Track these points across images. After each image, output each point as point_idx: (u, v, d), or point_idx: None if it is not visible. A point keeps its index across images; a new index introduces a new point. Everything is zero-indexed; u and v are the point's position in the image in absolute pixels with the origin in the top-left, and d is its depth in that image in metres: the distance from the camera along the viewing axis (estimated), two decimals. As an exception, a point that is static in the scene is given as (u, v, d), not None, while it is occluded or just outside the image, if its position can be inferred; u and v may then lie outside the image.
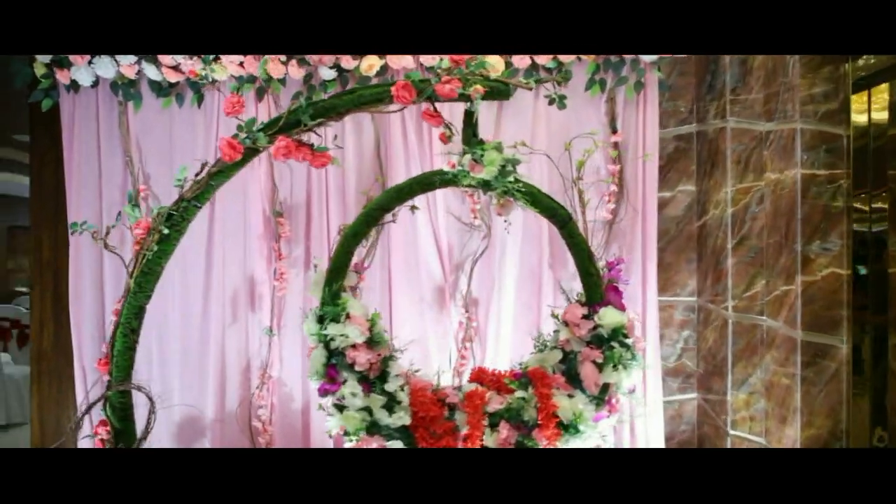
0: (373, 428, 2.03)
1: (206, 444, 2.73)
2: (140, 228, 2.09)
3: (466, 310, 2.78)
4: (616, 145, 2.76)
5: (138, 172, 2.74)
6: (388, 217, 2.17)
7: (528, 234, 2.76)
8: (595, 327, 2.10)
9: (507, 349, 2.76)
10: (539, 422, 2.00)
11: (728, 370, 2.69)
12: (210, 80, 2.57)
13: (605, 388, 2.09)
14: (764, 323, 2.64)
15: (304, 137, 2.17)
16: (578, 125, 2.76)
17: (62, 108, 2.74)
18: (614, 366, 2.07)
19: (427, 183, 2.11)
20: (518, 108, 2.75)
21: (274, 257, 2.75)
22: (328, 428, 2.04)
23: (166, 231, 2.08)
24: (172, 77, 2.65)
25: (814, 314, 2.37)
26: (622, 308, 2.14)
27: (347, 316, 2.07)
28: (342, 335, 2.02)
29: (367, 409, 2.02)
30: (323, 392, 2.05)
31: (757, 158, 2.66)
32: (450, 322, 2.79)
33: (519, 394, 2.08)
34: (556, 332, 2.19)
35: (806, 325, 2.37)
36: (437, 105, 2.14)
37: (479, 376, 2.18)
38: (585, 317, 2.12)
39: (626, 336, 2.10)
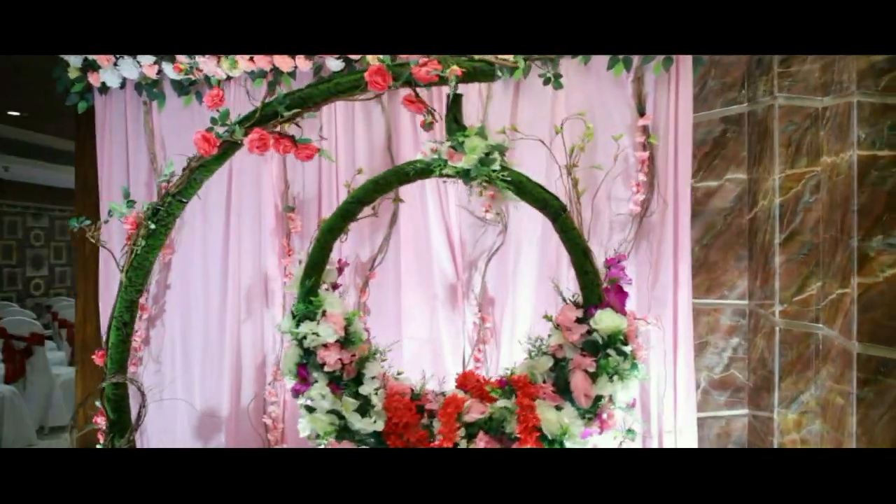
0: (343, 432, 1.93)
1: (221, 438, 2.75)
2: (129, 224, 2.11)
3: (480, 310, 2.61)
4: (644, 129, 2.47)
5: (162, 169, 2.81)
6: (368, 210, 2.06)
7: (547, 229, 2.53)
8: (589, 332, 1.87)
9: (523, 352, 2.56)
10: (518, 435, 1.81)
11: (775, 385, 2.34)
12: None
13: (599, 400, 1.86)
14: (819, 331, 2.27)
15: (290, 130, 2.13)
16: (603, 108, 2.51)
17: (96, 109, 2.87)
18: (609, 376, 1.83)
19: (403, 173, 1.97)
20: (535, 91, 2.54)
21: (284, 253, 2.72)
22: (300, 429, 1.96)
23: (153, 226, 2.09)
24: (190, 75, 2.69)
25: (874, 322, 1.99)
26: (622, 311, 1.89)
27: (324, 314, 1.99)
28: (314, 334, 1.94)
29: (337, 413, 1.92)
30: (295, 393, 1.98)
31: (811, 140, 2.29)
32: (463, 322, 2.63)
33: (500, 403, 1.89)
34: (550, 335, 1.98)
35: (864, 336, 2.00)
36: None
37: (464, 382, 2.01)
38: (580, 320, 1.90)
39: (624, 343, 1.86)
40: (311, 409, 1.95)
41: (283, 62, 2.61)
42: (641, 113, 2.46)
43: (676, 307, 2.43)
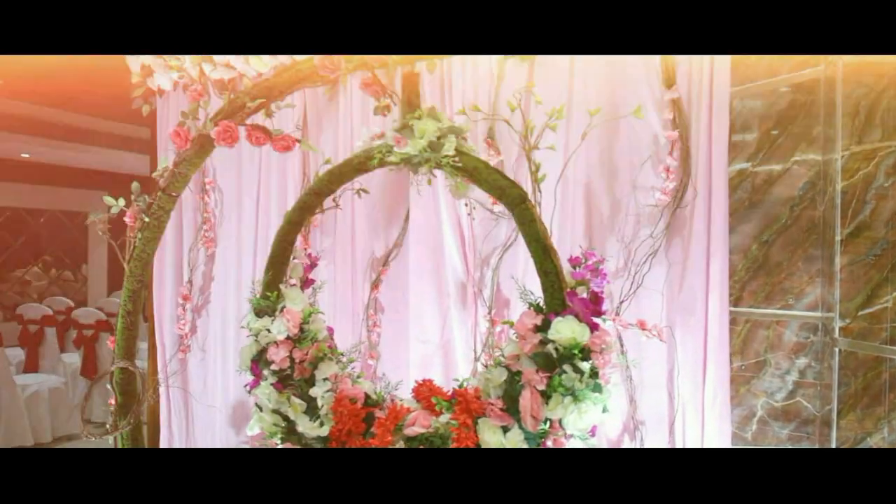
0: (290, 434, 1.85)
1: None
2: (128, 218, 2.21)
3: (490, 311, 2.38)
4: (674, 103, 2.07)
5: (206, 167, 2.94)
6: (330, 203, 1.95)
7: (565, 222, 2.24)
8: (543, 343, 1.59)
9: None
10: (452, 456, 1.59)
11: (832, 422, 1.84)
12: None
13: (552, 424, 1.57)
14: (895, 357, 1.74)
15: (267, 123, 2.09)
16: (626, 80, 2.15)
17: (158, 111, 3.08)
18: (563, 396, 1.55)
19: (356, 163, 1.83)
20: (550, 68, 2.24)
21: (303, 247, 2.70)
22: (248, 427, 1.92)
23: (146, 219, 2.17)
24: (225, 74, 2.78)
25: (953, 349, 1.48)
26: (588, 321, 1.58)
27: (282, 309, 1.92)
28: (266, 330, 1.88)
29: (281, 413, 1.84)
30: (249, 389, 1.94)
31: (888, 105, 1.76)
32: (475, 323, 2.41)
33: (444, 418, 1.69)
34: (507, 344, 1.72)
35: (938, 366, 1.49)
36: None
37: (419, 391, 1.83)
38: (538, 328, 1.63)
39: (583, 358, 1.55)
40: (260, 408, 1.89)
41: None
42: (669, 85, 2.06)
43: (707, 315, 2.01)
